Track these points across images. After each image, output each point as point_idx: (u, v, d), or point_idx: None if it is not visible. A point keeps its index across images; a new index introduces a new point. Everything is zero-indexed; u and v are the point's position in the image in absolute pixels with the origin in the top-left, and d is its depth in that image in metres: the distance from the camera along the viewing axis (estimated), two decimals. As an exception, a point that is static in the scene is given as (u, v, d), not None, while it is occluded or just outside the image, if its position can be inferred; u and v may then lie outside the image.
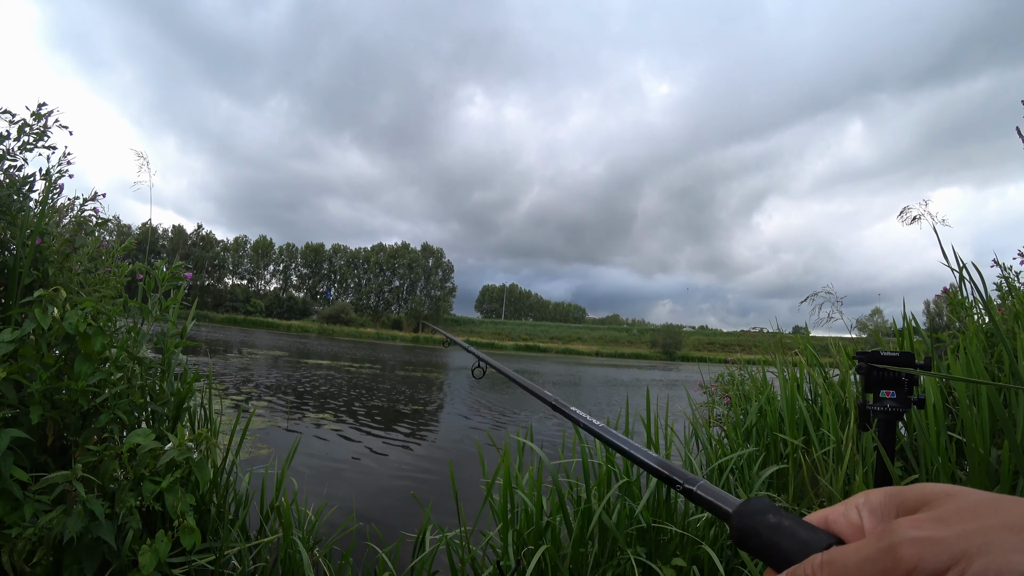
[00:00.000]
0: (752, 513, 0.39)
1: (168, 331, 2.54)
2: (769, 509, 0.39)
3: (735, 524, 0.40)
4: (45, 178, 3.00)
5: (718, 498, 0.46)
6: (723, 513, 0.44)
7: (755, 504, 0.40)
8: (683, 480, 0.51)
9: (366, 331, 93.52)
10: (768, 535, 0.37)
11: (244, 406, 8.82)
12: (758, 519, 0.39)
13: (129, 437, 1.87)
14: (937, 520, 0.29)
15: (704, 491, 0.47)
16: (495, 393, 15.50)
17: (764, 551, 0.37)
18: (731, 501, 0.43)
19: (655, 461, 0.57)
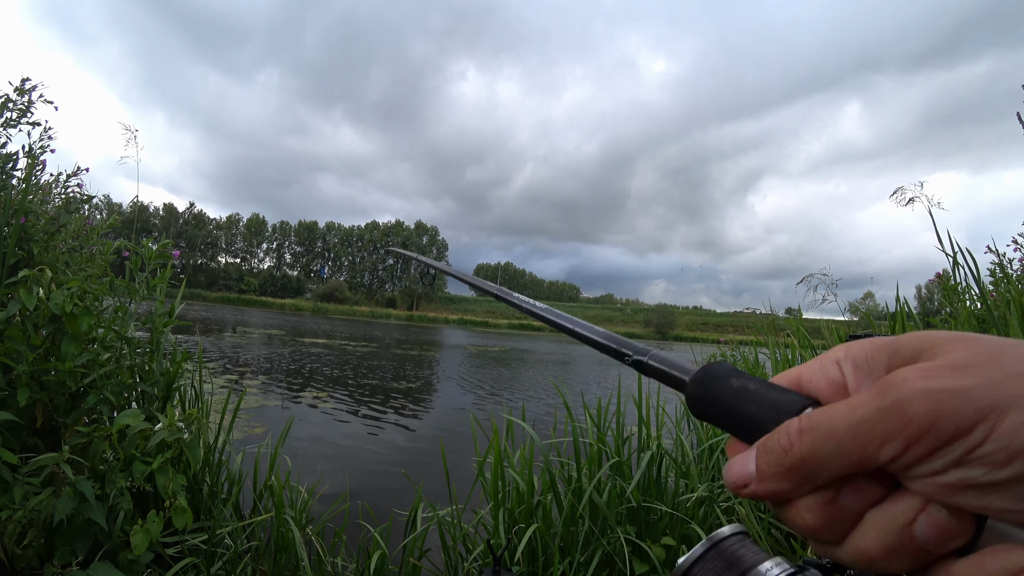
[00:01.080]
0: (712, 379, 0.35)
1: (156, 310, 2.51)
2: (732, 373, 0.35)
3: (692, 393, 0.36)
4: (28, 155, 2.93)
5: (672, 367, 0.41)
6: (678, 382, 0.39)
7: (715, 369, 0.36)
8: (633, 352, 0.47)
9: (360, 309, 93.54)
10: (732, 402, 0.33)
11: (238, 385, 8.83)
12: (719, 385, 0.34)
13: (118, 418, 1.86)
14: (952, 368, 0.24)
15: (656, 360, 0.43)
16: (488, 371, 15.59)
17: (728, 420, 0.33)
18: (687, 369, 0.39)
19: (602, 336, 0.53)
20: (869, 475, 0.26)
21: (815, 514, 0.27)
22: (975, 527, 0.24)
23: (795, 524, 0.29)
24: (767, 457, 0.28)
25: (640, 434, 2.32)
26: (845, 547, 0.27)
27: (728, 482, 0.31)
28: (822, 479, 0.27)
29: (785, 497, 0.28)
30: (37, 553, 1.64)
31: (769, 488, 0.28)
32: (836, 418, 0.26)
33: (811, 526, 0.28)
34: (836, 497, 0.27)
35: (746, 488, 0.30)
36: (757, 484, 0.29)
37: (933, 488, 0.24)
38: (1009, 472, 0.22)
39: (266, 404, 7.64)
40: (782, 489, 0.28)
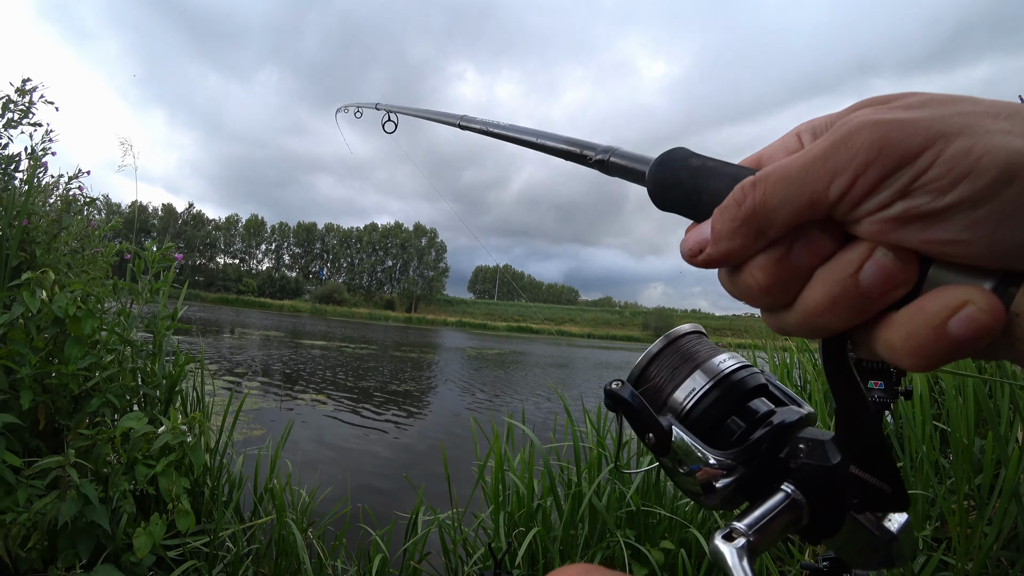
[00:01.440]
0: (672, 160, 0.34)
1: (159, 313, 2.52)
2: (691, 154, 0.34)
3: (652, 177, 0.35)
4: (31, 157, 2.94)
5: (635, 160, 0.40)
6: (639, 174, 0.38)
7: (675, 152, 0.35)
8: (595, 152, 0.45)
9: (359, 311, 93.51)
10: (692, 180, 0.32)
11: (237, 387, 8.83)
12: (679, 165, 0.33)
13: (122, 421, 1.87)
14: (904, 106, 0.25)
15: (619, 156, 0.42)
16: (488, 374, 15.60)
17: (688, 200, 0.32)
18: (648, 159, 0.37)
19: (563, 141, 0.52)
20: (821, 228, 0.26)
21: (767, 271, 0.27)
22: (918, 272, 0.25)
23: (748, 286, 0.29)
24: (721, 215, 0.28)
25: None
26: (795, 308, 0.27)
27: (684, 252, 0.31)
28: (774, 230, 0.27)
29: (738, 256, 0.28)
30: (41, 555, 1.65)
31: (723, 248, 0.28)
32: (788, 164, 0.26)
33: (763, 285, 0.28)
34: (788, 252, 0.27)
35: (701, 254, 0.30)
36: (712, 246, 0.29)
37: (879, 226, 0.24)
38: (952, 198, 0.22)
39: (265, 406, 7.63)
40: (735, 247, 0.28)
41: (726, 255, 0.29)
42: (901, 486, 0.32)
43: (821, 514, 0.34)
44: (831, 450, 0.33)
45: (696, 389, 0.40)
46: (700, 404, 0.40)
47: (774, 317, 0.29)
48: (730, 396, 0.40)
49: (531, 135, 0.58)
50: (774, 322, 0.29)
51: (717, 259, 0.29)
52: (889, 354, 0.25)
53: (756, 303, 0.30)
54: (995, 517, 1.55)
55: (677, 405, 0.41)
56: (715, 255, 0.29)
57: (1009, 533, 1.57)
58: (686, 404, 0.40)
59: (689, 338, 0.44)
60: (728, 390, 0.40)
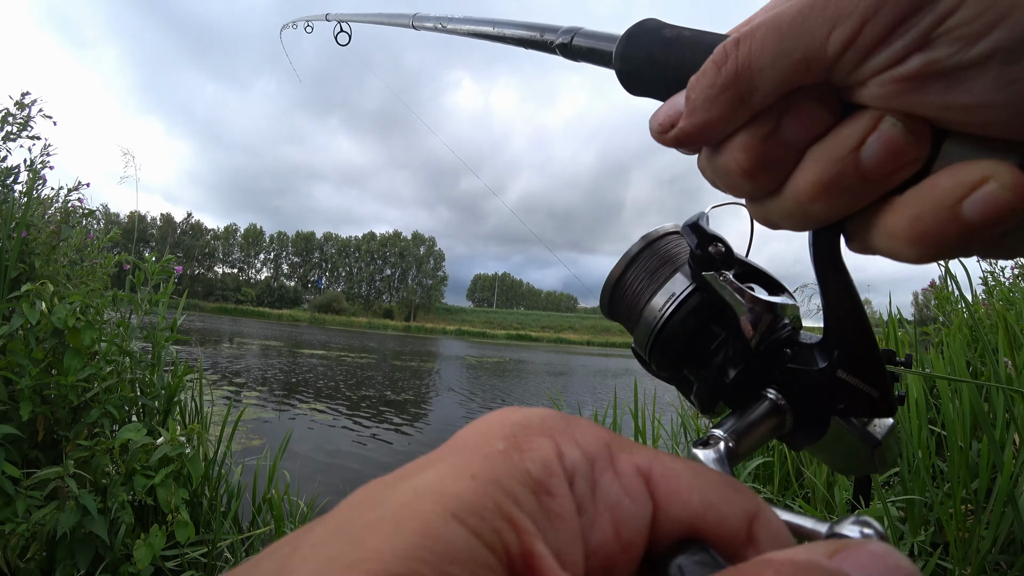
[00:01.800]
0: (642, 32, 0.30)
1: (158, 324, 2.53)
2: (663, 25, 0.29)
3: (621, 55, 0.31)
4: (30, 169, 2.96)
5: (600, 40, 0.35)
6: (606, 55, 0.33)
7: (644, 24, 0.30)
8: (556, 34, 0.41)
9: (357, 320, 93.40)
10: (664, 53, 0.28)
11: (236, 397, 8.81)
12: (649, 39, 0.29)
13: (120, 432, 1.88)
14: None
15: (584, 38, 0.38)
16: (486, 382, 15.57)
17: (662, 78, 0.28)
18: (616, 36, 0.33)
19: (522, 27, 0.47)
20: (815, 97, 0.22)
21: (750, 150, 0.23)
22: (930, 147, 0.21)
23: (728, 169, 0.24)
24: (698, 81, 0.24)
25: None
26: (783, 194, 0.23)
27: (653, 127, 0.26)
28: (760, 96, 0.22)
29: (716, 131, 0.24)
30: (39, 566, 1.64)
31: (698, 119, 0.24)
32: (779, 14, 0.21)
33: (745, 167, 0.23)
34: (776, 127, 0.23)
35: (672, 129, 0.25)
36: (685, 118, 0.24)
37: (889, 89, 0.20)
38: (983, 48, 0.18)
39: (263, 416, 7.61)
40: (713, 118, 0.23)
41: (701, 129, 0.24)
42: (889, 390, 0.30)
43: (805, 420, 0.32)
44: (819, 354, 0.31)
45: (676, 294, 0.35)
46: (679, 312, 0.35)
47: (759, 206, 0.25)
48: (711, 301, 0.35)
49: (486, 25, 0.54)
50: (759, 212, 0.26)
51: (691, 134, 0.24)
52: (889, 243, 0.21)
53: (738, 190, 0.25)
54: (992, 521, 1.56)
55: (655, 314, 0.36)
56: (689, 129, 0.24)
57: (1007, 537, 1.58)
58: (664, 312, 0.36)
59: (669, 239, 0.39)
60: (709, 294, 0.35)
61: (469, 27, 0.58)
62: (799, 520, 0.21)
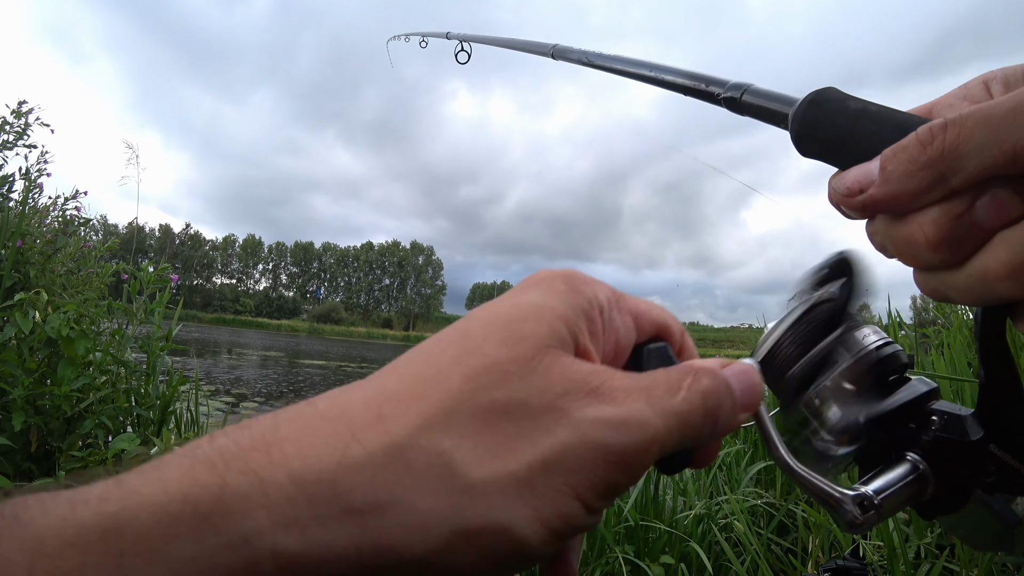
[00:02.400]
0: (824, 101, 0.31)
1: (154, 334, 2.51)
2: (847, 96, 0.30)
3: (800, 118, 0.32)
4: (25, 178, 2.95)
5: (773, 100, 0.36)
6: (779, 116, 0.35)
7: (828, 92, 0.31)
8: (723, 88, 0.41)
9: (356, 330, 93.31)
10: (849, 124, 0.29)
11: (235, 408, 8.76)
12: (833, 108, 0.30)
13: (114, 442, 1.85)
14: None
15: (755, 95, 0.38)
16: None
17: (841, 146, 0.29)
18: (792, 98, 0.34)
19: (683, 75, 0.45)
20: (1012, 186, 0.23)
21: (940, 227, 0.24)
22: None
23: (912, 239, 0.25)
24: (897, 156, 0.25)
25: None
26: (964, 270, 0.25)
27: (840, 188, 0.28)
28: (959, 179, 0.23)
29: (907, 203, 0.25)
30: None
31: (892, 190, 0.25)
32: (991, 108, 0.23)
33: (932, 241, 0.25)
34: (970, 209, 0.24)
35: (862, 194, 0.26)
36: (878, 186, 0.25)
37: None
38: None
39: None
40: (907, 191, 0.24)
41: (893, 199, 0.25)
42: None
43: (947, 490, 0.32)
44: (971, 426, 0.31)
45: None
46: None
47: (933, 277, 0.26)
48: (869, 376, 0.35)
49: (642, 67, 0.52)
50: (931, 283, 0.27)
51: (881, 202, 0.26)
52: None
53: (915, 260, 0.27)
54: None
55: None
56: (880, 197, 0.26)
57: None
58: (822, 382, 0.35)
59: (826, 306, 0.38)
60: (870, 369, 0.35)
61: (621, 66, 0.56)
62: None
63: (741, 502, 2.08)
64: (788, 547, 2.17)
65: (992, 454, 0.30)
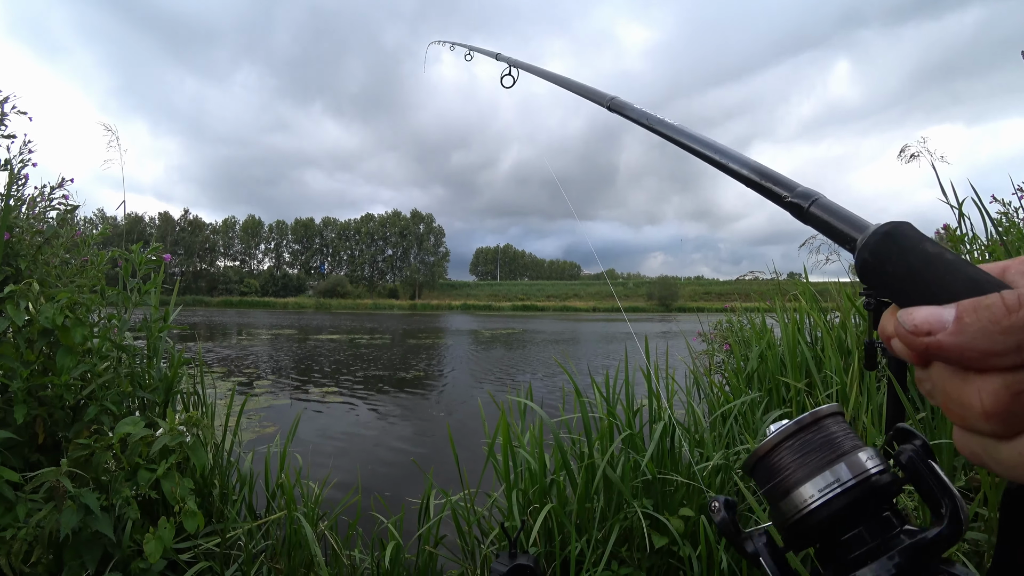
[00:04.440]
0: (901, 238, 0.30)
1: (151, 316, 2.47)
2: (924, 237, 0.30)
3: (872, 248, 0.31)
4: (6, 168, 2.86)
5: (842, 218, 0.35)
6: (846, 238, 0.34)
7: (904, 228, 0.31)
8: (791, 192, 0.40)
9: (363, 302, 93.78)
10: (920, 266, 0.29)
11: (246, 387, 8.84)
12: (909, 246, 0.30)
13: (118, 427, 1.83)
14: None
15: (821, 208, 0.37)
16: (494, 354, 15.61)
17: (909, 285, 0.29)
18: (861, 223, 0.34)
19: (754, 170, 0.45)
20: None
21: (999, 399, 0.23)
22: None
23: (965, 401, 0.25)
24: (978, 311, 0.24)
25: (651, 405, 2.29)
26: (1012, 443, 0.24)
27: (907, 323, 0.27)
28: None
29: (974, 361, 0.24)
30: (47, 569, 1.61)
31: (964, 342, 0.24)
32: None
33: (987, 410, 0.24)
34: None
35: (930, 336, 0.25)
36: (950, 335, 0.25)
37: None
38: None
39: (275, 403, 7.65)
40: (979, 348, 0.24)
41: (961, 352, 0.24)
42: None
43: None
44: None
45: (831, 483, 0.35)
46: (831, 505, 0.35)
47: (976, 441, 0.25)
48: (867, 503, 0.35)
49: (708, 148, 0.50)
50: (973, 446, 0.26)
51: (949, 351, 0.25)
52: None
53: (963, 421, 0.25)
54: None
55: (799, 503, 0.36)
56: (948, 346, 0.25)
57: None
58: (810, 503, 0.35)
59: (833, 419, 0.38)
60: (868, 495, 0.35)
61: (679, 137, 0.53)
62: None
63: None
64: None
65: None
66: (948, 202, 2.58)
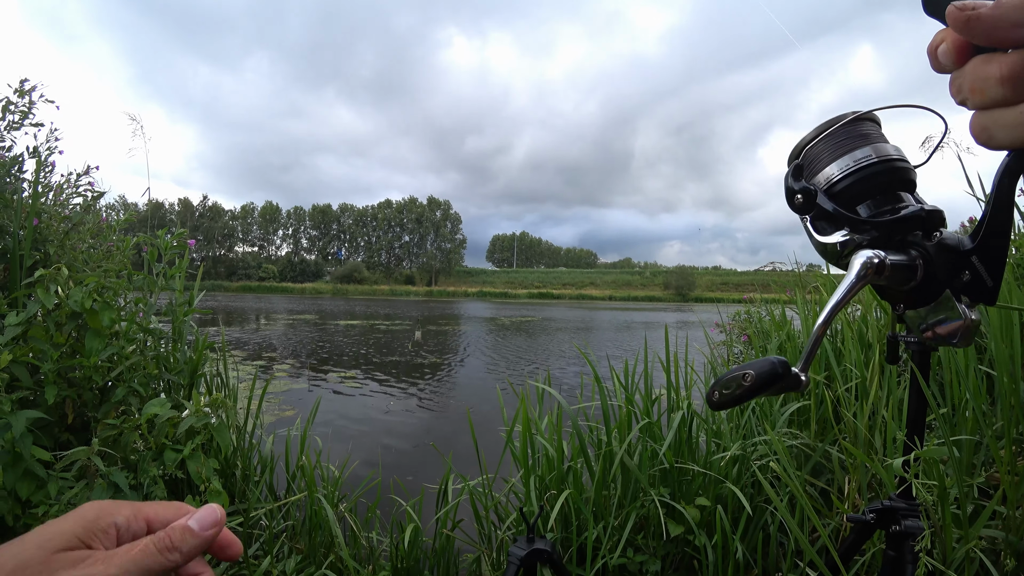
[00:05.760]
0: None
1: (176, 300, 2.52)
2: None
3: None
4: (35, 156, 2.92)
5: None
6: None
7: None
8: None
9: (380, 288, 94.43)
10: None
11: (266, 371, 8.99)
12: None
13: (146, 408, 1.87)
14: None
15: None
16: (512, 341, 15.65)
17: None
18: None
19: None
20: None
21: (1014, 67, 0.29)
22: None
23: (987, 74, 0.30)
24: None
25: (668, 395, 2.28)
26: (1013, 110, 0.30)
27: (960, 5, 0.30)
28: None
29: (1002, 34, 0.29)
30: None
31: (998, 14, 0.29)
32: None
33: (1003, 75, 0.29)
34: None
35: (976, 11, 0.30)
36: (990, 9, 0.29)
37: None
38: None
39: (294, 387, 7.77)
40: (1009, 20, 0.28)
41: (995, 22, 0.29)
42: (998, 286, 0.39)
43: (928, 283, 0.42)
44: (967, 241, 0.40)
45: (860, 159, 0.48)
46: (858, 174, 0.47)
47: (988, 115, 0.31)
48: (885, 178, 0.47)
49: None
50: (984, 120, 0.31)
51: (985, 19, 0.29)
52: None
53: (982, 95, 0.31)
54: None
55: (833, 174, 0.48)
56: (986, 16, 0.29)
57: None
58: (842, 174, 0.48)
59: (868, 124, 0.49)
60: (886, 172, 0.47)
61: None
62: None
63: (780, 440, 2.03)
64: (823, 487, 2.13)
65: (971, 263, 0.40)
66: (974, 194, 2.51)
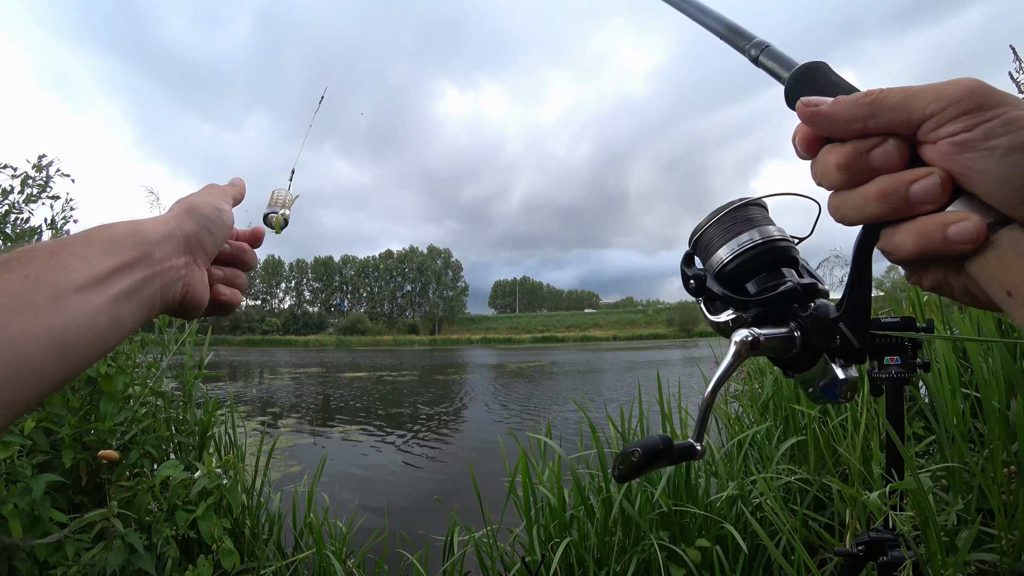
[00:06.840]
0: (816, 68, 0.41)
1: (186, 363, 2.61)
2: (832, 72, 0.40)
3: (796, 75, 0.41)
4: (51, 227, 3.07)
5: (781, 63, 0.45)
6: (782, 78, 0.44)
7: (820, 64, 0.41)
8: (749, 44, 0.49)
9: (383, 338, 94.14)
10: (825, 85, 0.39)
11: (271, 427, 8.96)
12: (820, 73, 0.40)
13: (159, 470, 1.94)
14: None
15: (770, 56, 0.47)
16: (515, 388, 15.56)
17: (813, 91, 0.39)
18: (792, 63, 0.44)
19: (722, 23, 0.54)
20: (899, 147, 0.34)
21: (846, 155, 0.35)
22: (949, 197, 0.33)
23: (828, 161, 0.36)
24: (847, 99, 0.35)
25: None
26: (853, 193, 0.35)
27: (806, 102, 0.37)
28: (875, 122, 0.34)
29: (841, 125, 0.35)
30: (94, 607, 1.70)
31: (835, 111, 0.35)
32: (911, 86, 0.34)
33: (838, 163, 0.35)
34: (868, 153, 0.34)
35: (817, 108, 0.36)
36: (829, 106, 0.36)
37: (942, 148, 0.32)
38: (996, 143, 0.30)
39: (299, 442, 7.74)
40: (843, 116, 0.35)
41: (832, 119, 0.35)
42: (865, 348, 0.43)
43: (806, 351, 0.46)
44: (833, 310, 0.45)
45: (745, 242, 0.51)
46: (744, 255, 0.50)
47: (837, 197, 0.37)
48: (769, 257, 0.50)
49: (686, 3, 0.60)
50: (835, 201, 0.37)
51: (826, 117, 0.36)
52: (904, 238, 0.34)
53: (826, 179, 0.37)
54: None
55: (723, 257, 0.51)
56: (825, 112, 0.36)
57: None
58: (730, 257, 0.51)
59: (754, 208, 0.53)
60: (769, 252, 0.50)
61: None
62: None
63: (771, 481, 2.08)
64: (826, 522, 2.16)
65: (840, 329, 0.44)
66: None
